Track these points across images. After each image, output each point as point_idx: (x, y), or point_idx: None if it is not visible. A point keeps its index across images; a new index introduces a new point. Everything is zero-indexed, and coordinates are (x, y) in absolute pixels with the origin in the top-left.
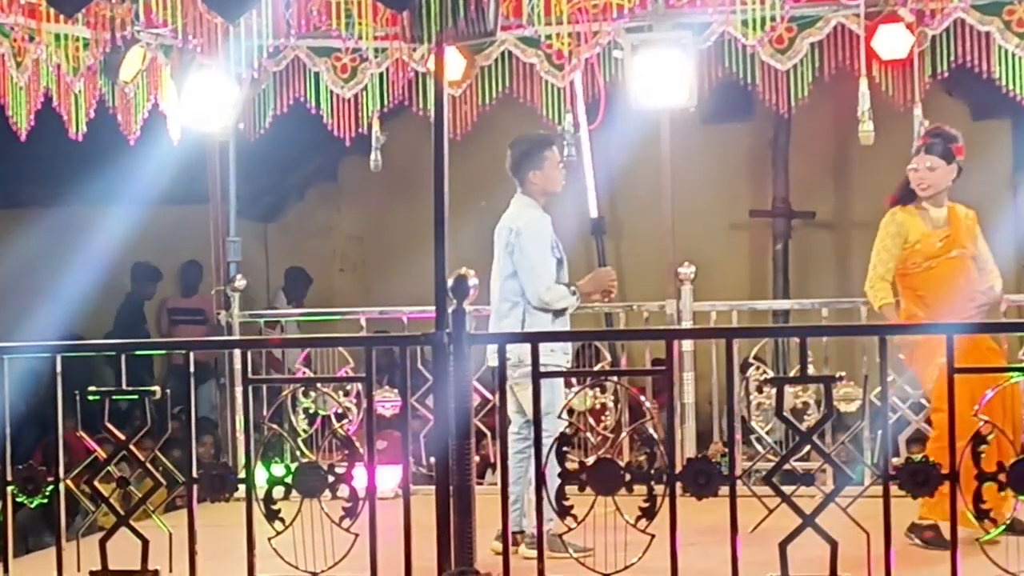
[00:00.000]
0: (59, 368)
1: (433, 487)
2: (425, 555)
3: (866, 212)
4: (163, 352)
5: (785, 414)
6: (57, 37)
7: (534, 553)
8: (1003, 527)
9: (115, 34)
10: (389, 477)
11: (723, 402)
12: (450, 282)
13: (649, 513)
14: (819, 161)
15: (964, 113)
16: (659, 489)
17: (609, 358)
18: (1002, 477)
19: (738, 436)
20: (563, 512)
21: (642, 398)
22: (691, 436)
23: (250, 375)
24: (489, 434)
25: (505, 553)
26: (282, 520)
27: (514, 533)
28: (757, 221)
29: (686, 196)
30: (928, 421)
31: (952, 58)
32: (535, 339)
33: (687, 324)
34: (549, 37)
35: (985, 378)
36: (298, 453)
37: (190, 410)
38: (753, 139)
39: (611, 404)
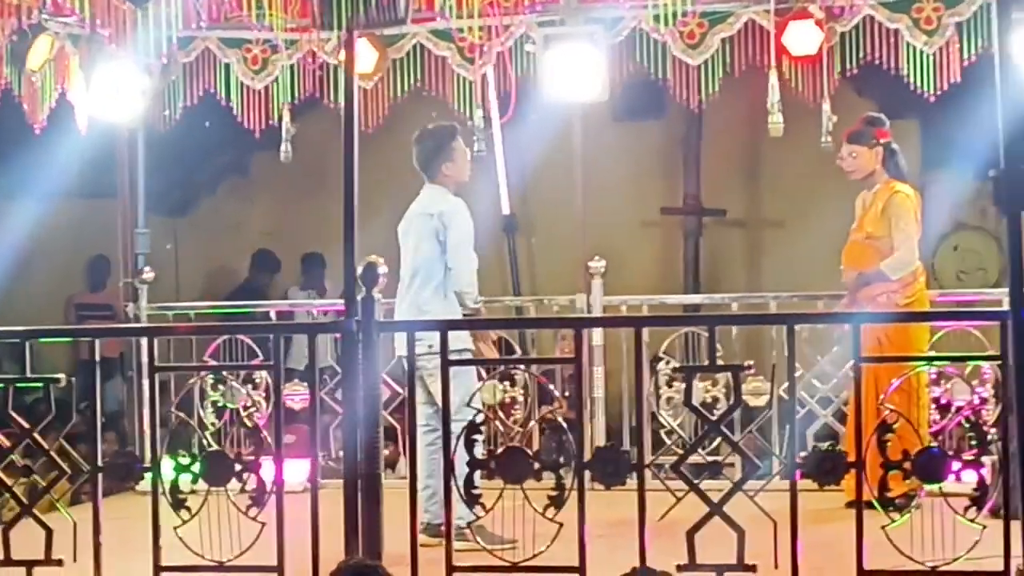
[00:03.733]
0: None
1: (342, 481)
2: (334, 548)
3: (776, 210)
4: (69, 340)
5: (694, 403)
6: None
7: (461, 544)
8: (907, 515)
9: (21, 21)
10: (298, 471)
11: (633, 398)
12: (359, 270)
13: (557, 501)
14: (730, 159)
15: (869, 113)
16: (568, 478)
17: (519, 351)
18: (907, 465)
19: (647, 432)
20: (471, 501)
21: (551, 386)
22: (600, 431)
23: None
24: (399, 428)
25: (413, 542)
26: (188, 509)
27: (437, 525)
28: (668, 218)
29: (598, 193)
30: (839, 416)
31: (861, 55)
32: (445, 326)
33: None
34: (461, 30)
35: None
36: (205, 443)
37: (95, 400)
38: (665, 137)
39: (521, 398)
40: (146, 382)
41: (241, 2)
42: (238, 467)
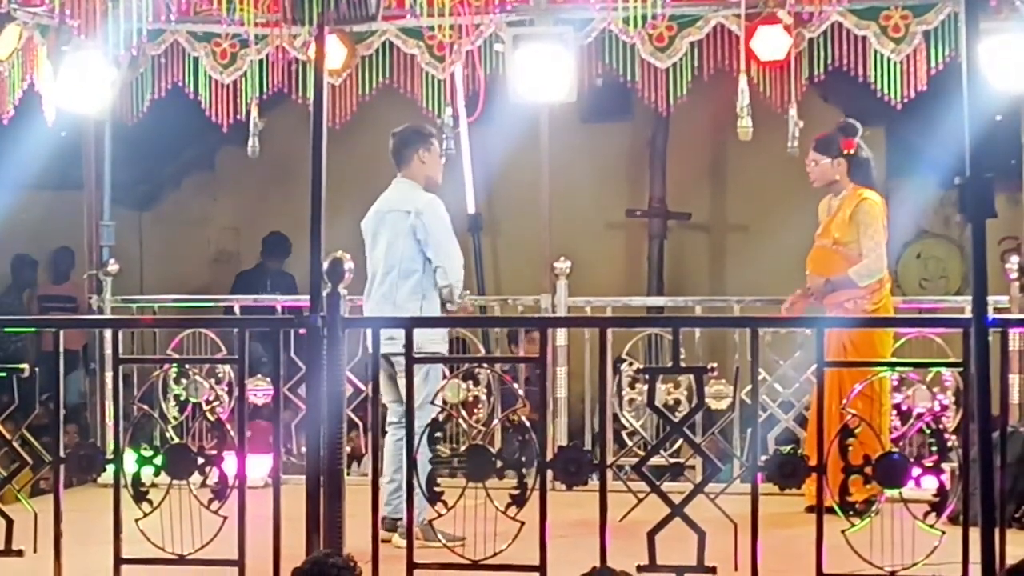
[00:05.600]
0: None
1: (304, 477)
2: (295, 543)
3: (741, 214)
4: (33, 330)
5: (656, 405)
6: None
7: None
8: (868, 519)
9: None
10: (260, 466)
11: (595, 399)
12: (325, 265)
13: (519, 500)
14: (696, 162)
15: (839, 119)
16: (530, 477)
17: (483, 350)
18: (868, 470)
19: (609, 433)
20: (433, 498)
21: (514, 386)
22: (563, 431)
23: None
24: (361, 425)
25: (375, 539)
26: (150, 501)
27: (395, 519)
28: (633, 221)
29: (564, 194)
30: (800, 420)
31: (829, 61)
32: (410, 324)
33: None
34: (431, 28)
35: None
36: (168, 436)
37: (59, 390)
38: (632, 139)
39: (484, 397)
40: (109, 374)
41: None
42: (200, 461)
